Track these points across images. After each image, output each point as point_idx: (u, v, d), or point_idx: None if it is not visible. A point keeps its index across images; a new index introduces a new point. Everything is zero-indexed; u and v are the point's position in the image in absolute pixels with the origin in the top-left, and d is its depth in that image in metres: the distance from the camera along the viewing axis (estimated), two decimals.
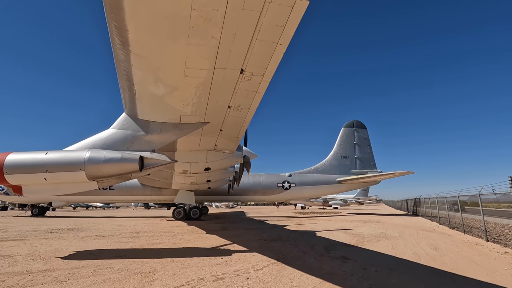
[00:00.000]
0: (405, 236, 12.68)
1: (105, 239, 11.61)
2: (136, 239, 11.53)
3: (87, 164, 7.68)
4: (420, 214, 25.68)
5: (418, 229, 15.88)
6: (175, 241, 11.19)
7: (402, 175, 25.79)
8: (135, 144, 8.73)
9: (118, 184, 25.64)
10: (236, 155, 13.86)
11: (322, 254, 8.53)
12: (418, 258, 7.92)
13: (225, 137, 11.33)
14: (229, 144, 12.32)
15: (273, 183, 27.92)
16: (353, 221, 21.91)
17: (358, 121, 31.75)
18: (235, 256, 8.21)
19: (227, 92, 7.21)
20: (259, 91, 7.14)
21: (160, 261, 7.44)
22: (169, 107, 8.02)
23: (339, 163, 30.35)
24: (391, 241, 11.28)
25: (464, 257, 8.20)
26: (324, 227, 17.04)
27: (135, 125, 8.87)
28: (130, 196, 26.00)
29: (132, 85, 6.82)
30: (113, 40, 5.21)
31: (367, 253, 8.79)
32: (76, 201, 30.80)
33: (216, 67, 6.01)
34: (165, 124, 8.99)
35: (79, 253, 8.61)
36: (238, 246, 9.94)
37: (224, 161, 13.60)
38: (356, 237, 12.26)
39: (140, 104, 7.99)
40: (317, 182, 28.99)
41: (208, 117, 8.89)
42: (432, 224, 18.41)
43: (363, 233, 13.69)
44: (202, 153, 13.02)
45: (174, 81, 6.55)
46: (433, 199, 19.15)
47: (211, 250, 9.14)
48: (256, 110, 8.36)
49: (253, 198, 27.94)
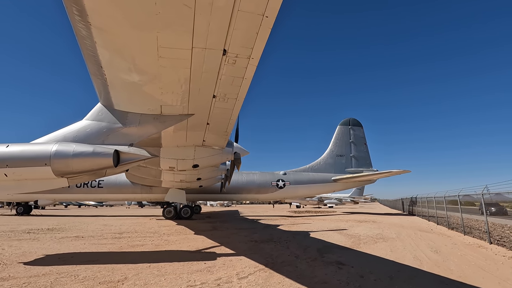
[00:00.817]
0: (403, 237, 11.99)
1: (84, 240, 10.73)
2: (117, 241, 10.67)
3: (54, 158, 6.81)
4: (416, 214, 25.12)
5: (416, 229, 15.23)
6: (159, 242, 10.35)
7: (399, 174, 25.19)
8: (111, 137, 7.87)
9: (107, 182, 24.79)
10: (226, 151, 13.05)
11: (315, 258, 7.77)
12: (420, 263, 7.19)
13: (213, 132, 10.51)
14: (218, 139, 11.50)
15: (267, 181, 27.15)
16: (348, 220, 21.24)
17: (354, 119, 31.10)
18: (219, 260, 7.41)
19: (210, 78, 6.39)
20: (246, 77, 6.34)
21: (135, 267, 6.61)
22: (147, 95, 7.18)
23: (335, 162, 29.68)
24: (389, 243, 10.56)
25: (469, 262, 7.49)
26: (318, 227, 16.32)
27: (111, 116, 8.00)
28: (119, 194, 25.03)
29: (100, 68, 5.97)
30: (68, 9, 4.36)
31: (364, 257, 8.04)
32: (63, 200, 29.64)
33: (194, 46, 5.18)
34: (144, 116, 8.14)
35: (47, 257, 7.74)
36: (225, 249, 9.14)
37: (214, 158, 12.78)
38: (352, 239, 11.54)
39: (114, 92, 7.13)
40: (312, 181, 28.29)
41: (192, 109, 8.06)
42: (429, 224, 17.79)
43: (359, 234, 12.97)
44: (189, 149, 12.19)
45: (147, 63, 5.71)
46: (431, 199, 18.53)
47: (195, 254, 8.33)
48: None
49: (247, 197, 27.16)
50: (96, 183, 24.74)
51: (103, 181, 24.80)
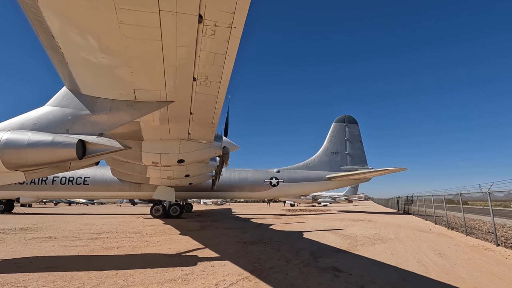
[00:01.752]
0: (402, 238, 11.17)
1: (55, 242, 9.67)
2: (91, 242, 9.64)
3: (4, 148, 5.78)
4: (412, 213, 24.43)
5: (414, 229, 14.46)
6: (137, 244, 9.35)
7: (395, 172, 24.47)
8: (76, 126, 6.84)
9: (93, 179, 23.62)
10: (215, 146, 12.08)
11: (308, 263, 6.86)
12: (426, 270, 6.33)
13: (198, 123, 9.53)
14: (204, 132, 10.52)
15: (261, 179, 26.23)
16: (343, 219, 20.44)
17: (349, 116, 30.33)
18: (200, 266, 6.46)
19: (187, 54, 5.41)
20: (229, 53, 5.37)
21: (99, 275, 5.62)
22: (115, 77, 6.17)
23: (329, 159, 28.88)
24: (388, 244, 9.72)
25: (479, 267, 6.66)
26: (312, 226, 15.46)
27: (78, 102, 6.97)
28: (106, 192, 23.87)
29: (52, 39, 4.95)
30: None
31: (363, 262, 7.16)
32: (46, 197, 28.16)
33: (161, 9, 4.20)
34: (116, 102, 7.12)
35: (2, 262, 6.70)
36: (209, 252, 8.19)
37: (201, 153, 11.80)
38: (348, 240, 10.67)
39: (76, 72, 6.11)
40: (307, 179, 27.46)
41: (171, 94, 7.07)
42: (427, 224, 17.05)
43: (355, 235, 12.12)
44: (174, 143, 11.19)
45: (106, 32, 4.70)
46: (428, 197, 17.79)
47: (174, 258, 7.36)
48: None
49: (239, 195, 26.20)
50: (82, 180, 23.53)
51: (89, 178, 23.61)
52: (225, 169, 26.48)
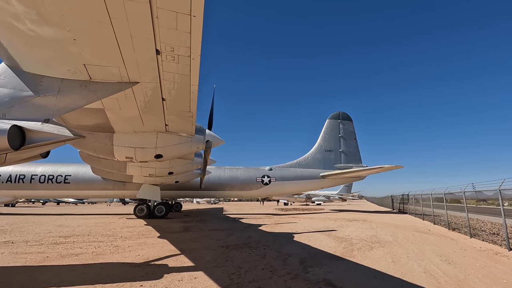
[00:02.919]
0: (402, 241, 10.11)
1: (9, 247, 8.36)
2: (51, 248, 8.35)
3: None
4: (408, 212, 23.50)
5: (412, 230, 13.45)
6: (103, 250, 8.09)
7: (390, 170, 23.52)
8: (15, 110, 5.56)
9: (75, 177, 22.19)
10: (197, 139, 10.86)
11: (296, 274, 5.71)
12: (437, 283, 5.22)
13: (173, 112, 8.31)
14: (183, 123, 9.31)
15: (252, 177, 25.06)
16: (337, 219, 19.39)
17: (343, 113, 29.32)
18: (164, 281, 5.25)
19: (141, 14, 4.19)
20: (194, 13, 4.18)
21: None
22: (56, 47, 4.91)
23: (323, 157, 27.84)
24: (388, 248, 8.63)
25: (498, 279, 5.58)
26: (304, 227, 14.34)
27: (18, 81, 5.69)
28: (89, 191, 22.43)
29: None
30: None
31: (362, 272, 6.03)
32: (24, 196, 25.86)
33: None
34: (67, 82, 5.85)
35: None
36: (183, 260, 6.99)
37: (181, 147, 10.57)
38: (343, 243, 9.57)
39: (7, 42, 4.84)
40: (300, 177, 26.37)
41: (133, 73, 5.83)
42: (425, 224, 16.08)
43: (351, 237, 11.03)
44: (150, 136, 9.95)
45: None
46: (427, 196, 16.81)
47: (138, 269, 6.13)
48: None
49: (230, 193, 24.97)
50: (62, 178, 22.07)
51: (70, 176, 22.16)
52: (215, 167, 25.27)
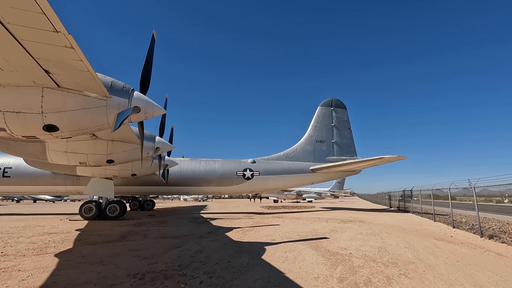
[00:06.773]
0: (429, 260, 6.37)
1: None
2: None
3: None
4: (411, 211, 19.87)
5: (429, 236, 9.76)
6: None
7: (392, 161, 19.86)
8: None
9: (16, 170, 17.98)
10: (116, 102, 7.01)
11: None
12: None
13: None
14: (77, 74, 5.40)
15: (232, 171, 21.19)
16: (329, 220, 15.66)
17: (337, 100, 25.58)
18: None
19: None
20: None
21: None
22: None
23: (314, 149, 24.11)
24: (416, 281, 4.86)
25: None
26: (285, 233, 10.53)
27: None
28: (34, 186, 18.24)
29: None
30: None
31: None
32: None
33: None
34: None
35: None
36: None
37: (87, 113, 6.68)
38: (339, 266, 5.78)
39: None
40: (287, 171, 22.60)
41: None
42: (440, 227, 12.39)
43: (349, 251, 7.26)
44: (29, 92, 6.05)
45: None
46: (443, 192, 13.19)
47: None
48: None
49: (206, 189, 20.99)
50: (1, 171, 17.90)
51: (10, 169, 17.98)
52: (189, 159, 21.31)
